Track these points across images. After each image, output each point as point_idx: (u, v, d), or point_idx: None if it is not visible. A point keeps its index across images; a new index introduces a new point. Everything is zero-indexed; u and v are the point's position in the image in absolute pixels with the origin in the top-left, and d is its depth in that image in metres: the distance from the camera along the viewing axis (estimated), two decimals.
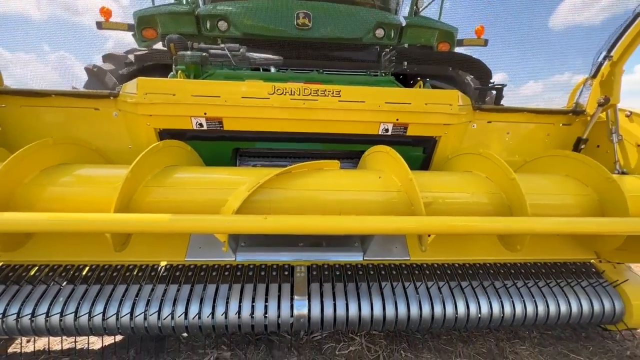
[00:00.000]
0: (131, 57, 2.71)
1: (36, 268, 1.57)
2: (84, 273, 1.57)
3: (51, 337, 1.69)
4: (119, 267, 1.60)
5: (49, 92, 1.62)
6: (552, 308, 1.64)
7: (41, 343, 1.67)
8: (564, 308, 1.65)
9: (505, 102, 2.73)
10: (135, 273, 1.59)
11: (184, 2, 2.60)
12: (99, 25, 2.73)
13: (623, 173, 1.71)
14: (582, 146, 1.92)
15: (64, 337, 1.70)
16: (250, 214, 1.25)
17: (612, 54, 1.76)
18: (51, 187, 1.31)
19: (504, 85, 2.09)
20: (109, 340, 1.67)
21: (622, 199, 1.40)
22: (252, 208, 1.32)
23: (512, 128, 1.96)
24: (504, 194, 1.44)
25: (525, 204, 1.33)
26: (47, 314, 1.42)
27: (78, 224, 1.12)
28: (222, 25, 2.28)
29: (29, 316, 1.41)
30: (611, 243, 1.55)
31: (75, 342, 1.65)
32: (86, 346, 1.65)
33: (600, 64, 1.81)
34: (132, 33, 3.00)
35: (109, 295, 1.49)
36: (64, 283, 1.51)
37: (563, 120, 1.99)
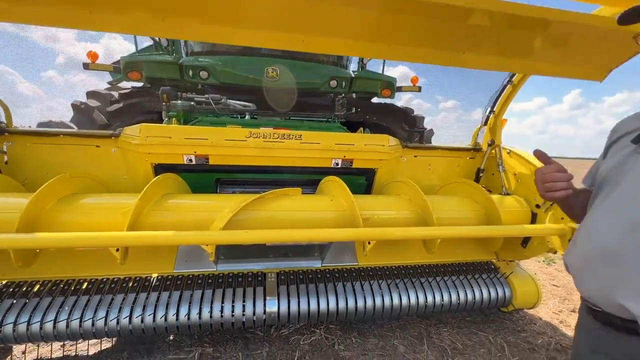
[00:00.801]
0: (115, 94, 3.02)
1: (39, 284, 1.82)
2: (84, 286, 1.83)
3: (50, 345, 1.89)
4: (115, 279, 1.88)
5: (58, 132, 1.93)
6: (462, 297, 2.18)
7: (41, 351, 1.87)
8: (470, 296, 2.20)
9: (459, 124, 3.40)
10: (130, 285, 1.88)
11: (168, 52, 3.00)
12: (86, 66, 3.01)
13: (507, 194, 2.37)
14: (481, 174, 2.58)
15: (61, 345, 1.92)
16: (233, 230, 1.66)
17: (494, 108, 2.47)
18: (68, 213, 1.62)
19: (425, 129, 2.74)
20: (104, 344, 1.92)
21: (497, 213, 2.01)
22: (234, 225, 1.71)
23: (432, 161, 2.58)
24: (420, 210, 1.99)
25: (432, 217, 1.87)
26: (55, 321, 1.67)
27: (98, 240, 1.45)
28: (203, 74, 2.71)
29: (38, 324, 1.66)
30: (494, 244, 2.16)
31: (75, 348, 1.87)
32: (83, 352, 1.88)
33: (488, 116, 2.52)
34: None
35: (109, 303, 1.77)
36: (68, 295, 1.78)
37: (469, 155, 2.66)
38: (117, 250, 1.60)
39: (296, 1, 1.11)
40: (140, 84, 3.19)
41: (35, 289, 1.79)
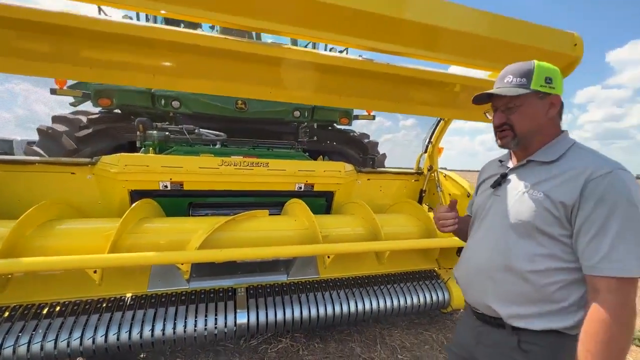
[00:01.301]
0: (83, 118, 3.08)
1: (9, 309, 1.86)
2: (57, 309, 1.90)
3: None
4: (89, 301, 1.97)
5: (34, 161, 2.03)
6: (409, 301, 2.52)
7: None
8: (416, 301, 2.55)
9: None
10: (105, 305, 1.99)
11: None
12: (53, 91, 3.05)
13: None
14: (424, 194, 3.02)
15: None
16: (208, 249, 1.87)
17: (432, 139, 2.95)
18: (50, 238, 1.73)
19: (376, 155, 3.16)
20: None
21: (434, 228, 2.41)
22: (209, 245, 1.91)
23: (383, 183, 2.98)
24: (371, 227, 2.33)
25: (381, 233, 2.22)
26: (29, 343, 1.73)
27: (83, 263, 1.59)
28: (175, 104, 2.89)
29: (11, 347, 1.71)
30: (433, 254, 2.56)
31: None
32: None
33: (427, 145, 2.99)
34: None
35: (85, 323, 1.86)
36: (41, 318, 1.84)
37: (413, 178, 3.10)
38: (95, 272, 1.74)
39: (269, 68, 1.43)
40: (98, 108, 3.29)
41: (6, 314, 1.83)
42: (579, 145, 1.01)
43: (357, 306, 2.36)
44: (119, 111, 3.17)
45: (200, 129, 2.61)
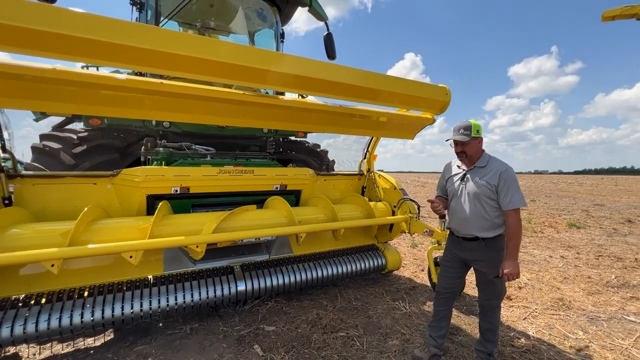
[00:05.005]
0: (73, 136, 3.39)
1: (46, 293, 2.29)
2: (98, 290, 2.39)
3: (60, 345, 2.34)
4: (120, 283, 2.49)
5: (64, 174, 2.47)
6: (358, 267, 3.47)
7: (49, 351, 2.30)
8: (362, 266, 3.50)
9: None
10: (134, 284, 2.52)
11: None
12: (43, 112, 3.28)
13: (379, 201, 3.82)
14: (365, 189, 4.03)
15: (67, 345, 2.37)
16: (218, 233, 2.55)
17: (368, 149, 3.98)
18: (98, 232, 2.25)
19: (328, 162, 4.09)
20: (110, 336, 2.46)
21: (373, 212, 3.40)
22: (218, 231, 2.60)
23: (336, 182, 3.90)
24: (330, 213, 3.22)
25: (337, 217, 3.12)
26: (82, 316, 2.22)
27: (131, 246, 2.17)
28: (166, 124, 3.39)
29: (69, 318, 2.18)
30: (372, 231, 3.55)
31: (94, 340, 2.36)
32: (91, 344, 2.39)
33: (365, 154, 4.01)
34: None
35: (122, 298, 2.39)
36: (86, 297, 2.31)
37: (357, 177, 4.08)
38: (131, 257, 2.30)
39: (245, 107, 2.23)
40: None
41: (44, 300, 2.27)
42: (492, 157, 2.17)
43: (322, 273, 3.22)
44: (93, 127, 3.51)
45: (195, 145, 3.21)
